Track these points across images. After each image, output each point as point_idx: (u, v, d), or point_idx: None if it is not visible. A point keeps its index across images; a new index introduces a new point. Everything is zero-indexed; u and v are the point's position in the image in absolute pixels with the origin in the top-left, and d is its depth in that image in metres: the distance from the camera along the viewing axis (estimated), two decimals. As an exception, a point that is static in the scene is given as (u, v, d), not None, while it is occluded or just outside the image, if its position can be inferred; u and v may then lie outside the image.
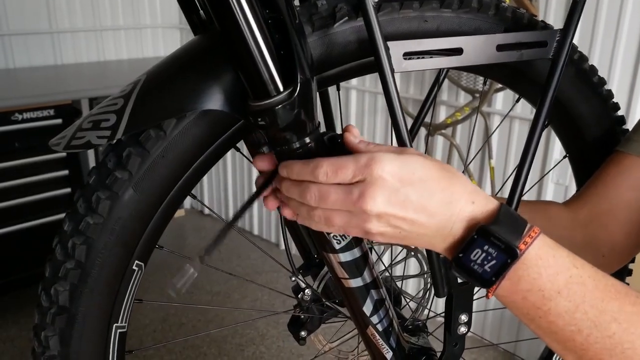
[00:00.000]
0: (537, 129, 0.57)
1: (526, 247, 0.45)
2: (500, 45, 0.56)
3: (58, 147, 0.47)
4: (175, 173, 0.51)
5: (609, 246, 0.66)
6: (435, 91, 0.70)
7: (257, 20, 0.44)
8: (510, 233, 0.45)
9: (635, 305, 0.45)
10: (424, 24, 0.55)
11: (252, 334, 2.05)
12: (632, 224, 0.65)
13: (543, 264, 0.45)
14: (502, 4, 0.59)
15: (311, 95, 0.47)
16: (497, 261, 0.45)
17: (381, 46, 0.49)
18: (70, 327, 0.50)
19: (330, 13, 0.52)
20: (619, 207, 0.64)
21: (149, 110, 0.47)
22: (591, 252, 0.66)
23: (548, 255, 0.46)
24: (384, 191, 0.43)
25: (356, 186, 0.43)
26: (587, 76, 0.66)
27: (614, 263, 0.70)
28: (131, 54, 2.77)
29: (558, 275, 0.45)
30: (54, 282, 0.50)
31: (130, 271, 0.52)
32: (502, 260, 0.44)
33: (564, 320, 0.45)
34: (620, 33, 1.53)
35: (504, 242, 0.44)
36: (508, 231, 0.45)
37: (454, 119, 1.81)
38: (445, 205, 0.45)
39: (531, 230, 0.46)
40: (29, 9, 2.42)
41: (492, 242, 0.44)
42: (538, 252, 0.45)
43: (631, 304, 0.45)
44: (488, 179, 1.88)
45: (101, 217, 0.49)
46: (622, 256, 0.69)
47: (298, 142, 0.48)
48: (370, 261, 0.56)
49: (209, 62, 0.48)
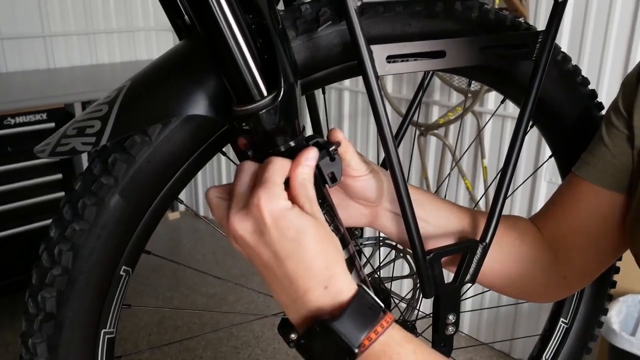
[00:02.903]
0: (521, 129, 0.58)
1: (370, 343, 0.44)
2: (483, 47, 0.56)
3: (43, 154, 0.47)
4: (161, 178, 0.51)
5: (570, 269, 0.66)
6: (421, 94, 0.70)
7: (239, 26, 0.44)
8: (355, 329, 0.44)
9: None
10: (407, 27, 0.55)
11: (248, 336, 2.05)
12: (590, 249, 0.65)
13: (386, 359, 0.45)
14: (485, 7, 0.59)
15: (295, 100, 0.48)
16: (336, 358, 0.44)
17: (364, 50, 0.50)
18: (57, 334, 0.50)
19: (313, 17, 0.52)
20: (577, 234, 0.64)
21: (134, 116, 0.47)
22: (554, 272, 0.66)
23: (392, 352, 0.45)
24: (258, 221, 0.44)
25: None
26: (570, 76, 0.67)
27: (575, 285, 0.70)
28: (124, 57, 2.77)
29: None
30: (40, 288, 0.50)
31: (117, 277, 0.52)
32: (340, 358, 0.44)
33: None
34: (610, 34, 1.54)
35: (344, 341, 0.43)
36: (353, 327, 0.44)
37: (447, 119, 1.81)
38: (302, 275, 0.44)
39: (382, 320, 0.45)
40: (21, 13, 2.41)
41: (332, 339, 0.43)
42: (382, 348, 0.44)
43: None
44: (481, 178, 1.89)
45: (87, 223, 0.49)
46: (584, 278, 0.69)
47: (283, 146, 0.49)
48: (357, 263, 0.57)
49: (193, 67, 0.48)
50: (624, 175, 0.60)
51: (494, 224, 0.58)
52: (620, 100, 0.61)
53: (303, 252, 0.44)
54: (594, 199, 0.62)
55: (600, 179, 0.61)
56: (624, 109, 0.60)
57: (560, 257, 0.65)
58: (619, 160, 0.60)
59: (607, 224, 0.62)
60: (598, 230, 0.63)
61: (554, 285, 0.67)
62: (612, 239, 0.63)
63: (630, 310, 1.64)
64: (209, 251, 2.68)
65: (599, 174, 0.61)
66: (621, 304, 1.61)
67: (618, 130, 0.61)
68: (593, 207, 0.63)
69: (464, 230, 0.62)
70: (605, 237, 0.63)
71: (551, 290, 0.69)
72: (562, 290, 0.71)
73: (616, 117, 0.61)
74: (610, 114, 0.62)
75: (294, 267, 0.44)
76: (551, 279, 0.66)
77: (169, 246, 2.76)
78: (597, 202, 0.62)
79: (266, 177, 0.45)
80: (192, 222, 2.97)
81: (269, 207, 0.43)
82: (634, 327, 1.66)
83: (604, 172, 0.61)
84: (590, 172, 0.62)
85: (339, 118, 2.28)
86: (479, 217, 0.63)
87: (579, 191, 0.64)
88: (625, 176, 0.60)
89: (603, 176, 0.61)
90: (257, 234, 0.44)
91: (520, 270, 0.64)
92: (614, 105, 0.62)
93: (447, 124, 1.84)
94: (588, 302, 0.81)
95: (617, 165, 0.60)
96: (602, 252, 0.65)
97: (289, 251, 0.44)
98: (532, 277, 0.65)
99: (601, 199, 0.62)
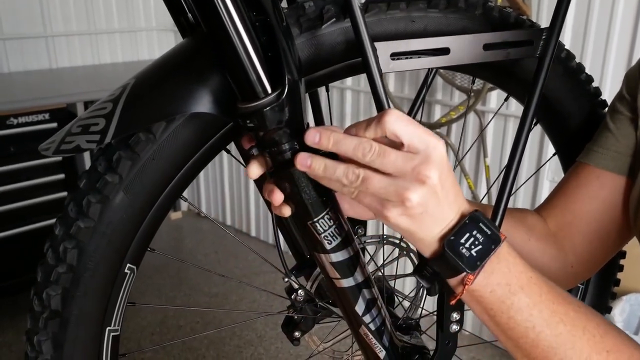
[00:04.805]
0: (525, 127, 0.58)
1: (503, 239, 0.49)
2: (487, 44, 0.56)
3: (47, 151, 0.47)
4: (165, 176, 0.51)
5: (576, 257, 0.67)
6: (425, 91, 0.70)
7: (244, 23, 0.44)
8: (491, 224, 0.49)
9: (577, 312, 0.50)
10: (411, 25, 0.55)
11: (251, 335, 2.05)
12: (594, 235, 0.66)
13: (512, 260, 0.50)
14: (489, 4, 0.59)
15: (299, 97, 0.48)
16: (483, 246, 0.48)
17: (368, 47, 0.50)
18: (62, 332, 0.50)
19: (317, 15, 0.52)
20: (580, 219, 0.66)
21: (138, 114, 0.47)
22: (561, 262, 0.67)
23: (514, 254, 0.50)
24: (440, 169, 0.45)
25: (419, 154, 0.45)
26: (574, 74, 0.67)
27: (582, 273, 0.71)
28: (126, 57, 2.77)
29: (522, 273, 0.50)
30: (46, 286, 0.50)
31: (122, 275, 0.52)
32: (487, 246, 0.48)
33: (522, 315, 0.49)
34: (613, 31, 1.54)
35: (490, 228, 0.48)
36: (489, 223, 0.49)
37: (449, 118, 1.81)
38: (457, 196, 0.48)
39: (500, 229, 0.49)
40: (24, 13, 2.42)
41: (480, 227, 0.48)
42: (508, 249, 0.50)
43: (574, 310, 0.50)
44: (483, 177, 1.89)
45: (92, 221, 0.49)
46: (590, 267, 0.70)
47: (287, 144, 0.49)
48: (361, 261, 0.57)
49: (197, 65, 0.48)
50: (626, 158, 0.62)
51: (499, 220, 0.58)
52: (625, 87, 0.64)
53: (453, 177, 0.48)
54: (597, 182, 0.64)
55: (602, 161, 0.63)
56: (627, 93, 0.63)
57: (566, 245, 0.67)
58: (622, 143, 0.62)
59: (610, 207, 0.64)
60: (602, 215, 0.64)
61: (562, 274, 0.68)
62: (616, 224, 0.64)
63: (633, 309, 1.64)
64: (211, 250, 2.68)
65: (602, 157, 0.64)
66: (624, 302, 1.61)
67: (622, 115, 0.63)
68: (596, 190, 0.64)
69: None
70: (610, 222, 0.64)
71: (560, 280, 0.70)
72: (570, 280, 0.72)
73: (620, 104, 0.63)
74: (615, 103, 0.64)
75: (456, 189, 0.48)
76: (559, 269, 0.68)
77: (172, 245, 2.77)
78: (600, 185, 0.64)
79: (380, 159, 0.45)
80: (194, 222, 2.97)
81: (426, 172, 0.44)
82: (638, 326, 1.66)
83: (606, 155, 0.63)
84: (593, 156, 0.64)
85: (341, 117, 2.28)
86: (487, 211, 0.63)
87: (583, 176, 0.65)
88: (628, 159, 0.62)
89: (605, 159, 0.63)
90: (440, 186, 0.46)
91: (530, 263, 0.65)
92: (619, 94, 0.64)
93: (450, 123, 1.83)
94: (591, 300, 0.81)
95: (620, 149, 0.62)
96: (606, 238, 0.66)
97: (453, 181, 0.48)
98: (541, 269, 0.66)
99: (603, 181, 0.64)
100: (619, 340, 0.50)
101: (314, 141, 0.47)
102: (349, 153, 0.45)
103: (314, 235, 0.53)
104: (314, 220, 0.51)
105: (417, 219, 0.46)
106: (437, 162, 0.45)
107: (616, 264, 0.79)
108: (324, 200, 0.51)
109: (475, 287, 0.49)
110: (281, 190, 0.51)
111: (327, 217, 0.52)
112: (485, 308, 0.50)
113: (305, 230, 0.53)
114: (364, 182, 0.45)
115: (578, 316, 0.50)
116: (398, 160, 0.45)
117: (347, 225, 0.54)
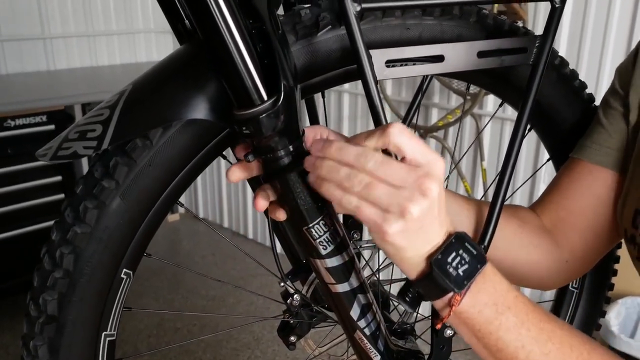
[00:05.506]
0: (519, 132, 0.58)
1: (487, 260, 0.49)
2: (481, 51, 0.57)
3: (45, 157, 0.47)
4: (162, 182, 0.52)
5: (570, 252, 0.67)
6: (420, 97, 0.71)
7: (240, 31, 0.45)
8: (476, 244, 0.49)
9: (563, 329, 0.50)
10: (406, 32, 0.56)
11: (247, 338, 2.05)
12: (589, 230, 0.66)
13: (498, 280, 0.50)
14: (484, 11, 0.60)
15: (295, 104, 0.48)
16: (469, 266, 0.48)
17: (363, 54, 0.50)
18: (59, 336, 0.50)
19: (313, 22, 0.53)
20: (575, 215, 0.66)
21: (135, 120, 0.47)
22: (556, 257, 0.67)
23: (499, 274, 0.50)
24: (440, 185, 0.46)
25: (421, 167, 0.45)
26: (568, 80, 0.67)
27: (577, 269, 0.71)
28: (124, 59, 2.77)
29: (508, 292, 0.50)
30: (42, 291, 0.50)
31: (118, 279, 0.53)
32: (473, 265, 0.48)
33: (511, 335, 0.49)
34: (608, 38, 1.55)
35: (475, 248, 0.49)
36: (474, 242, 0.49)
37: (446, 122, 1.82)
38: (446, 215, 0.49)
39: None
40: (22, 15, 2.42)
41: (465, 247, 0.48)
42: (492, 269, 0.50)
43: (560, 328, 0.50)
44: (480, 181, 1.89)
45: (89, 227, 0.49)
46: (584, 262, 0.70)
47: (283, 150, 0.49)
48: (357, 266, 0.57)
49: (194, 72, 0.49)
50: (618, 153, 0.63)
51: (492, 226, 0.59)
52: (617, 82, 0.64)
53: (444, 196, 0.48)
54: (589, 177, 0.64)
55: (595, 156, 0.64)
56: (620, 87, 0.63)
57: (560, 241, 0.67)
58: (614, 138, 0.63)
59: (604, 203, 0.64)
60: (596, 210, 0.65)
61: (557, 269, 0.69)
62: (609, 220, 0.65)
63: (629, 312, 1.65)
64: (208, 253, 2.68)
65: (594, 152, 0.64)
66: (620, 306, 1.62)
67: (614, 110, 0.63)
68: (588, 185, 0.65)
69: (471, 226, 0.63)
70: (604, 217, 0.65)
71: (554, 275, 0.70)
72: (565, 275, 0.72)
73: (613, 99, 0.63)
74: (607, 98, 0.64)
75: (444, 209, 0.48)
76: (553, 264, 0.68)
77: (169, 248, 2.76)
78: (593, 180, 0.64)
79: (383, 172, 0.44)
80: (191, 224, 2.97)
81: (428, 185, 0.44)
82: (633, 330, 1.66)
83: (599, 151, 0.64)
84: (586, 152, 0.65)
85: (339, 120, 2.28)
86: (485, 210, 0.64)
87: (576, 171, 0.66)
88: (620, 154, 0.63)
89: (598, 154, 0.64)
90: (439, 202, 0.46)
91: (524, 256, 0.66)
92: (611, 88, 0.65)
93: (447, 127, 1.84)
94: (586, 304, 0.81)
95: (613, 144, 0.63)
96: (600, 233, 0.66)
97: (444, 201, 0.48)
98: (536, 262, 0.67)
99: (596, 176, 0.64)
100: (605, 357, 0.50)
101: (318, 147, 0.47)
102: (351, 160, 0.45)
103: (310, 240, 0.53)
104: (309, 226, 0.52)
105: (412, 235, 0.46)
106: (438, 177, 0.45)
107: (610, 269, 0.80)
108: (319, 206, 0.51)
109: (463, 308, 0.49)
110: (276, 196, 0.51)
111: (323, 222, 0.52)
112: (473, 330, 0.50)
113: (300, 235, 0.53)
114: (367, 188, 0.44)
115: (564, 334, 0.50)
116: (401, 171, 0.44)
117: (343, 231, 0.55)
